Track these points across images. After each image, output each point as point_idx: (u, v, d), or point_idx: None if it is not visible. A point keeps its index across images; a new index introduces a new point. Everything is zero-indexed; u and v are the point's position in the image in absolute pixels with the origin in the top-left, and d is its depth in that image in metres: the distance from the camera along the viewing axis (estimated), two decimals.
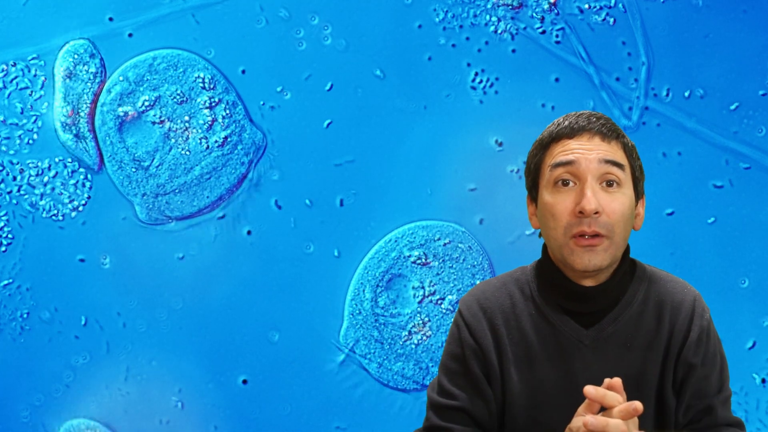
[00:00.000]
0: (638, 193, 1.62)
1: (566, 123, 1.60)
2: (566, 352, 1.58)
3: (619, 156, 1.57)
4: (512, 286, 1.67)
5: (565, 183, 1.56)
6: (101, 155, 2.52)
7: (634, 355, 1.58)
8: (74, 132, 2.32)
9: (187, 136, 2.61)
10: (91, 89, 2.41)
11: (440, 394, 1.64)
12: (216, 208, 2.74)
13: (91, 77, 2.39)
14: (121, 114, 2.51)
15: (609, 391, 1.41)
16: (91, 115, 2.33)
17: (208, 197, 2.67)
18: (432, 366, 2.76)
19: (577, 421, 1.43)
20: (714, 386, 1.60)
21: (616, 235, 1.55)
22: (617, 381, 1.43)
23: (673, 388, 1.59)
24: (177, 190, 2.66)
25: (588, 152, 1.55)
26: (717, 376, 1.61)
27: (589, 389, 1.41)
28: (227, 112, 2.70)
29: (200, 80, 2.69)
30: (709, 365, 1.60)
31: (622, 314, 1.60)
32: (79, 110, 2.34)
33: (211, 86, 2.70)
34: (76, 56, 2.41)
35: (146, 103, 2.66)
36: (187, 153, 2.64)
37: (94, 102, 2.44)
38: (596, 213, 1.52)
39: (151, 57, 2.73)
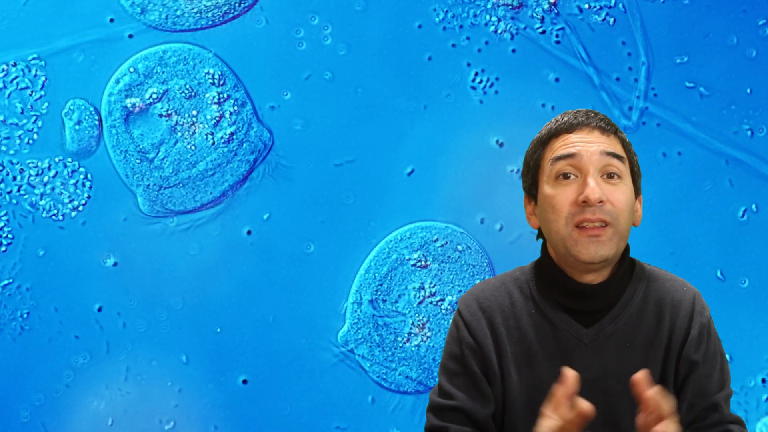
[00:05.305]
0: (636, 190, 1.63)
1: (565, 119, 1.62)
2: (566, 351, 1.58)
3: (619, 149, 1.59)
4: (511, 285, 1.66)
5: (566, 176, 1.57)
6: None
7: (634, 354, 1.58)
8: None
9: (194, 130, 2.60)
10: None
11: (439, 395, 1.64)
12: (218, 204, 2.73)
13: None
14: (129, 105, 2.50)
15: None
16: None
17: (211, 193, 2.66)
18: (435, 367, 2.76)
19: (548, 422, 1.40)
20: (716, 384, 1.59)
21: (620, 225, 1.55)
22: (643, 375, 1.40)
23: (675, 387, 1.59)
24: (180, 184, 2.65)
25: (589, 144, 1.57)
26: (718, 374, 1.61)
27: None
28: (235, 108, 2.69)
29: (210, 76, 2.68)
30: (710, 363, 1.59)
31: (622, 313, 1.60)
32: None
33: (221, 82, 2.69)
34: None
35: (154, 96, 2.66)
36: (193, 148, 2.64)
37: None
38: (600, 202, 1.53)
39: (161, 50, 2.72)
